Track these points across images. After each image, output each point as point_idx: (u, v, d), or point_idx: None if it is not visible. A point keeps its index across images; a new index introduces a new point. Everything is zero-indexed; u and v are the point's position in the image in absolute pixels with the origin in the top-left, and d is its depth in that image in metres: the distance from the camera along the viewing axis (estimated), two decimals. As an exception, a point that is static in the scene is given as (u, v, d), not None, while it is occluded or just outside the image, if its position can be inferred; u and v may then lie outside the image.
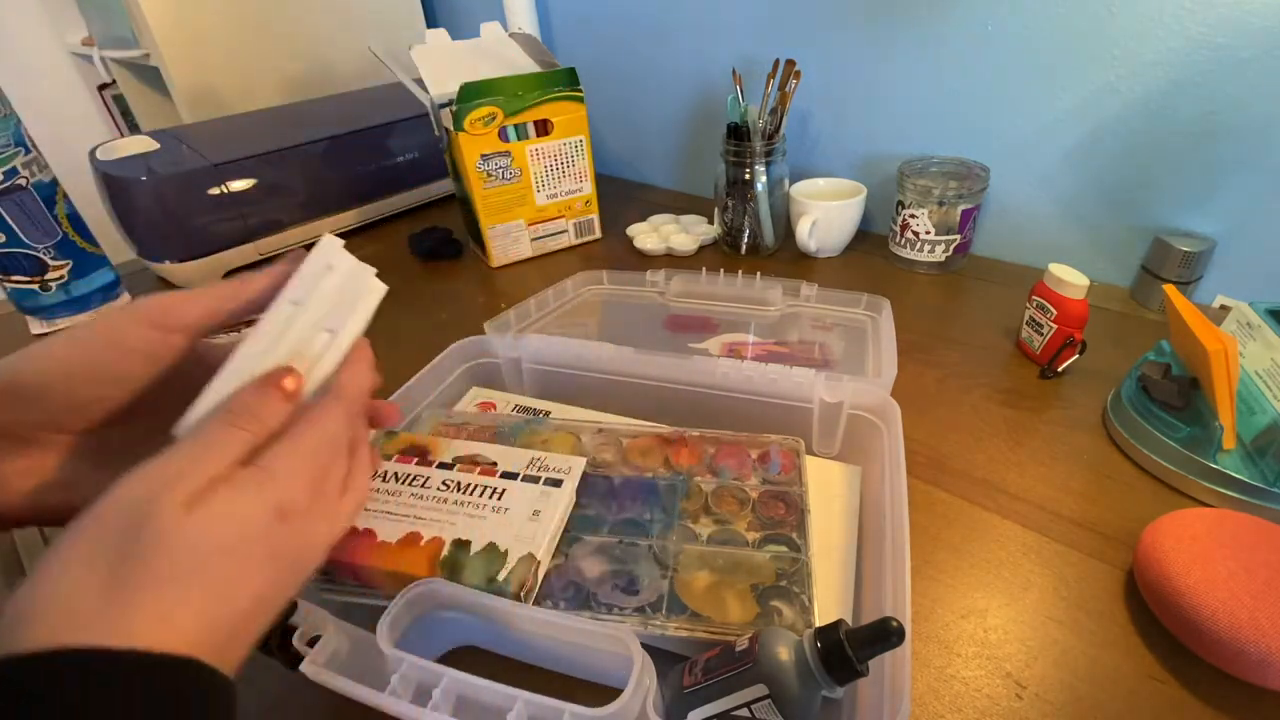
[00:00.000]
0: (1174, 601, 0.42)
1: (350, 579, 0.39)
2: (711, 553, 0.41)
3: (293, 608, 0.35)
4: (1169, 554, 0.43)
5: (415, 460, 0.44)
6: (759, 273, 0.71)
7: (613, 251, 1.01)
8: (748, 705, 0.33)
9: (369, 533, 0.39)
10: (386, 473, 0.43)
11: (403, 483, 0.42)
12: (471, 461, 0.44)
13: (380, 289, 0.36)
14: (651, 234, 1.02)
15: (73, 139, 1.38)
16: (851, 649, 0.31)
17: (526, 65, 0.91)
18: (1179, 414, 0.56)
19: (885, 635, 0.31)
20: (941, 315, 0.81)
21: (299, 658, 0.33)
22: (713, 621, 0.38)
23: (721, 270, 0.71)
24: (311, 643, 0.34)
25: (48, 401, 0.29)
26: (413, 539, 0.39)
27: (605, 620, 0.37)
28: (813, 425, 0.55)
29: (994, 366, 0.71)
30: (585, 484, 0.44)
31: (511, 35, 0.97)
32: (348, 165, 1.06)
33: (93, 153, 0.92)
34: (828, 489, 0.51)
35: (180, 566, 0.23)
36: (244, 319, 0.32)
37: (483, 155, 0.88)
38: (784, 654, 0.33)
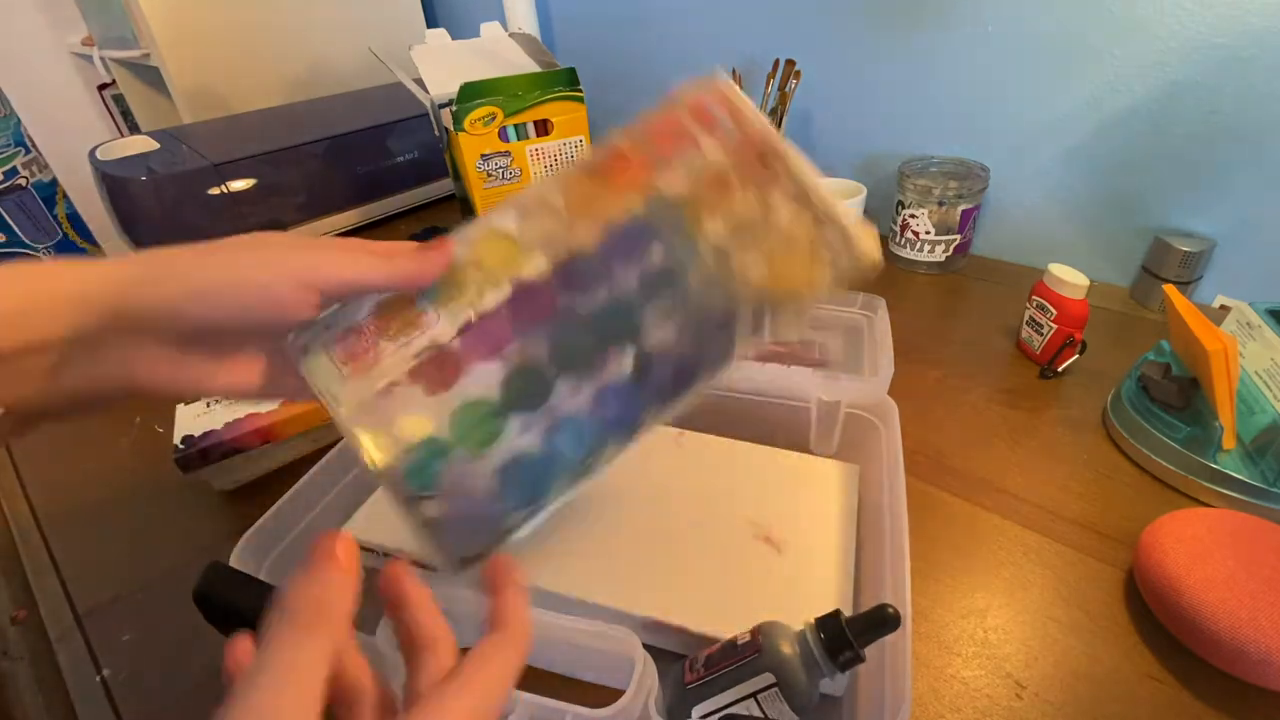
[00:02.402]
0: (1174, 601, 0.42)
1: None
2: (754, 239, 0.34)
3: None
4: (1169, 554, 0.43)
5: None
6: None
7: (613, 251, 1.01)
8: (754, 696, 0.33)
9: None
10: None
11: None
12: (434, 369, 0.33)
13: None
14: (651, 234, 1.02)
15: (73, 139, 1.38)
16: (851, 635, 0.33)
17: (526, 65, 0.91)
18: (1179, 414, 0.56)
19: (883, 621, 0.33)
20: (941, 315, 0.81)
21: (299, 658, 0.33)
22: (801, 294, 0.33)
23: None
24: (311, 643, 0.34)
25: (185, 329, 0.28)
26: None
27: (734, 360, 0.33)
28: (811, 425, 0.55)
29: (994, 366, 0.71)
30: (568, 276, 0.33)
31: (511, 35, 0.97)
32: (348, 165, 1.06)
33: (93, 153, 0.92)
34: (826, 488, 0.51)
35: None
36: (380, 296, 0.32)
37: (483, 155, 0.88)
38: (787, 643, 0.34)
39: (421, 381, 0.31)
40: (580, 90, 0.91)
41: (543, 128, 0.91)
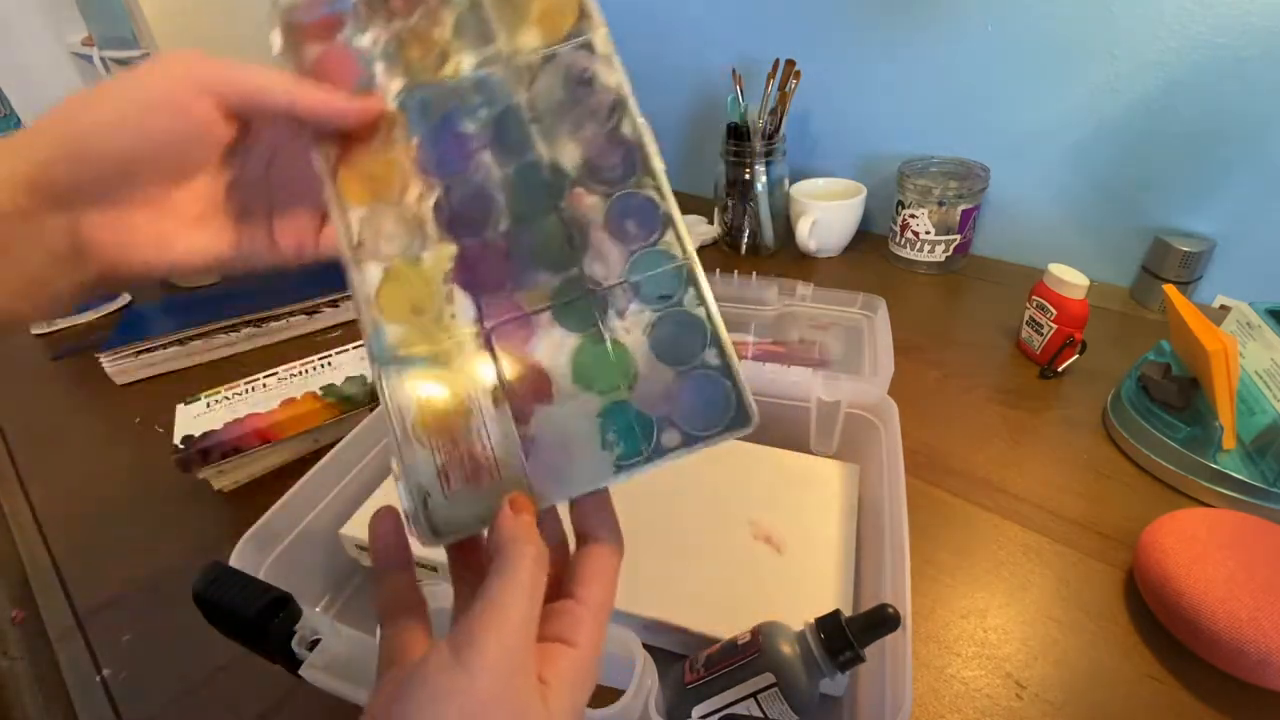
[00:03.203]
0: (1174, 601, 0.42)
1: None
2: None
3: (296, 612, 0.35)
4: (1169, 554, 0.43)
5: None
6: (754, 272, 0.71)
7: (613, 251, 1.01)
8: (754, 696, 0.33)
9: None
10: None
11: None
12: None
13: None
14: (651, 234, 1.02)
15: (72, 139, 1.38)
16: (851, 634, 0.33)
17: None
18: (1179, 414, 0.56)
19: (883, 621, 0.33)
20: (941, 315, 0.81)
21: (299, 661, 0.33)
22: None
23: (718, 270, 0.71)
24: (311, 646, 0.34)
25: (95, 174, 0.25)
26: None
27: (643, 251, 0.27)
28: (811, 425, 0.55)
29: (994, 366, 0.71)
30: (464, 207, 0.28)
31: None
32: (348, 165, 1.06)
33: (92, 153, 0.91)
34: (826, 488, 0.51)
35: None
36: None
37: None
38: (787, 643, 0.34)
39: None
40: (580, 90, 0.91)
41: (543, 128, 0.91)
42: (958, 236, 0.87)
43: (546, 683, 0.22)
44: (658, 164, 0.27)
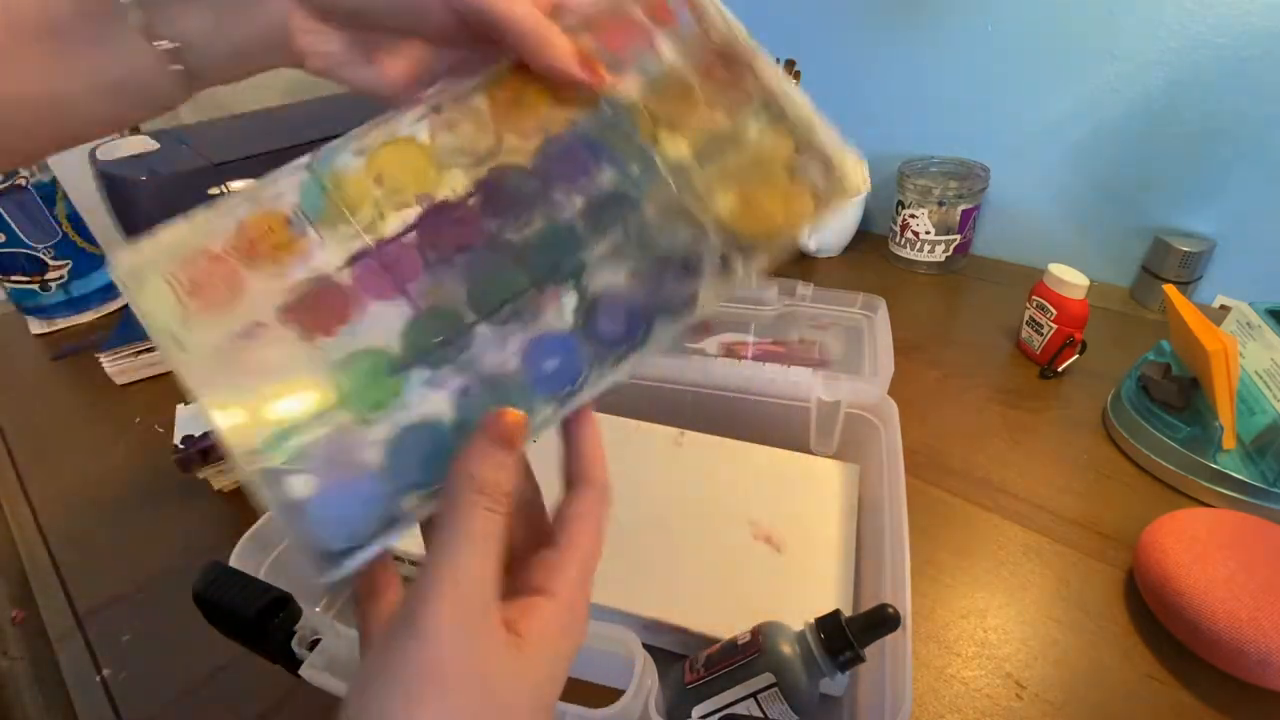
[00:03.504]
0: (1174, 601, 0.42)
1: None
2: (721, 167, 0.29)
3: (296, 612, 0.35)
4: (1169, 554, 0.43)
5: None
6: (759, 273, 0.71)
7: (613, 251, 1.01)
8: (754, 695, 0.33)
9: None
10: None
11: None
12: (315, 307, 0.25)
13: None
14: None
15: (72, 139, 1.38)
16: (851, 634, 0.33)
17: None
18: (1179, 414, 0.56)
19: (883, 621, 0.33)
20: (941, 315, 0.81)
21: (299, 661, 0.33)
22: (780, 232, 0.28)
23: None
24: (311, 646, 0.34)
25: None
26: None
27: (698, 313, 0.27)
28: (811, 425, 0.55)
29: (994, 366, 0.71)
30: (494, 195, 0.27)
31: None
32: (348, 165, 1.06)
33: (92, 153, 0.91)
34: (826, 488, 0.51)
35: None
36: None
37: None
38: (787, 643, 0.34)
39: (296, 323, 0.24)
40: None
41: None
42: (958, 236, 0.87)
43: (522, 635, 0.21)
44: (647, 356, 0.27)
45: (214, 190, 0.92)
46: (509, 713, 0.20)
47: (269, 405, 0.23)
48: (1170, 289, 0.57)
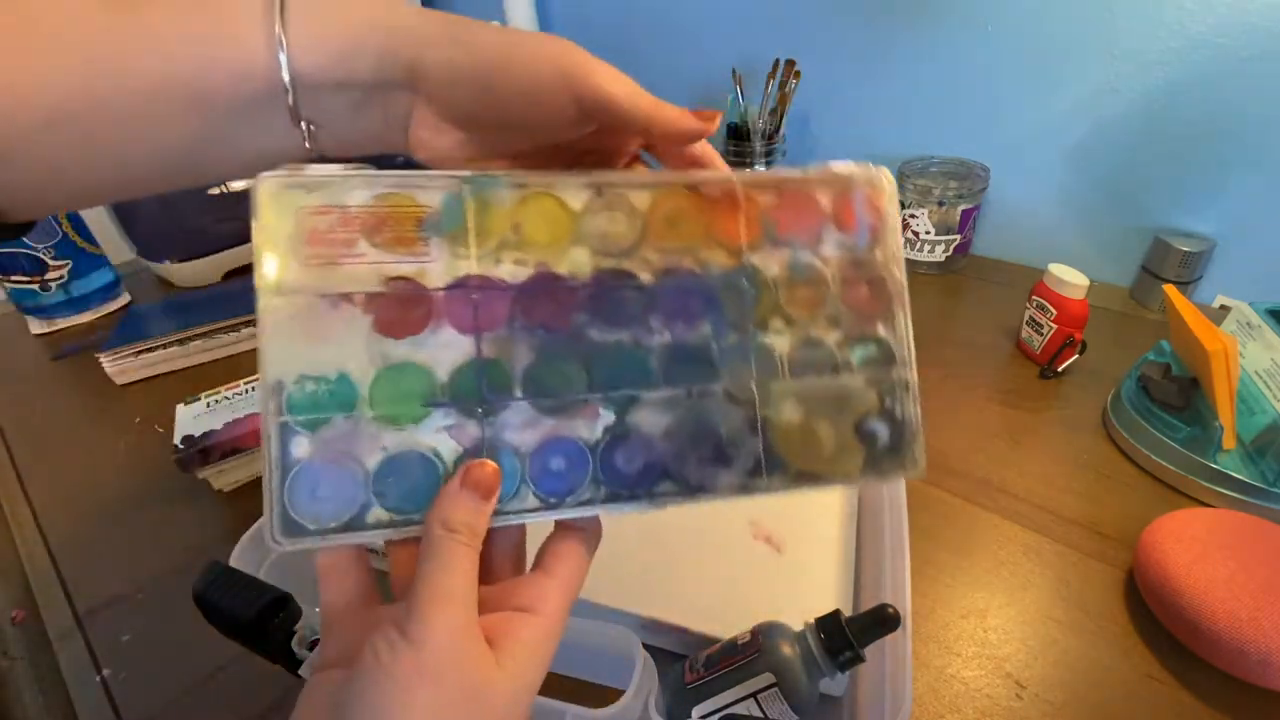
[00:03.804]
0: (1174, 601, 0.42)
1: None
2: (803, 386, 0.29)
3: (296, 612, 0.35)
4: (1169, 554, 0.43)
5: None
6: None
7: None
8: (754, 696, 0.33)
9: None
10: None
11: None
12: (399, 307, 0.26)
13: None
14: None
15: (72, 139, 1.38)
16: (851, 634, 0.33)
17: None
18: (1179, 414, 0.56)
19: (883, 621, 0.33)
20: (941, 315, 0.81)
21: (299, 661, 0.33)
22: (819, 475, 0.29)
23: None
24: (311, 646, 0.34)
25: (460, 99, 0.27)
26: None
27: (704, 498, 0.28)
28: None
29: (994, 366, 0.71)
30: (602, 294, 0.28)
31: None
32: (348, 165, 1.06)
33: (92, 153, 0.91)
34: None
35: None
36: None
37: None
38: (787, 643, 0.34)
39: (375, 312, 0.25)
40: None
41: (543, 128, 0.91)
42: (958, 236, 0.87)
43: (503, 649, 0.23)
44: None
45: (214, 191, 0.92)
46: (491, 712, 0.22)
47: (315, 370, 0.25)
48: (1170, 289, 0.57)
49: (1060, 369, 0.67)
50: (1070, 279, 0.64)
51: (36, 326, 0.88)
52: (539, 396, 0.27)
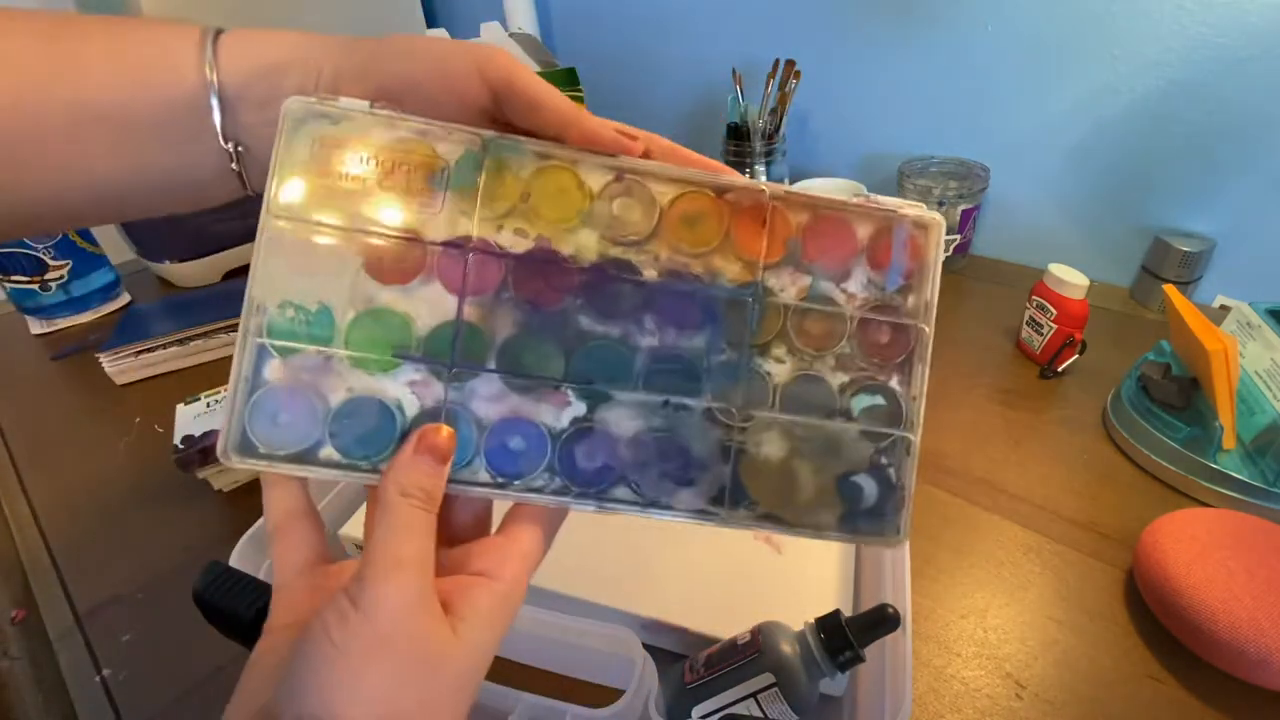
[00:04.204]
0: (1174, 601, 0.42)
1: None
2: (790, 423, 0.28)
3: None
4: (1169, 554, 0.43)
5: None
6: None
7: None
8: (754, 696, 0.33)
9: None
10: None
11: None
12: (393, 252, 0.26)
13: None
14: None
15: (72, 139, 1.38)
16: (851, 634, 0.33)
17: (527, 65, 0.91)
18: (1179, 414, 0.56)
19: (882, 620, 0.33)
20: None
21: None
22: (785, 521, 0.27)
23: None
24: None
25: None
26: None
27: (656, 513, 0.27)
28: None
29: (994, 366, 0.71)
30: (599, 283, 0.27)
31: (511, 35, 0.97)
32: (348, 165, 1.06)
33: (92, 153, 0.91)
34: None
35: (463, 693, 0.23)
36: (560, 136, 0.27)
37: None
38: (787, 643, 0.34)
39: (368, 255, 0.25)
40: (580, 90, 0.91)
41: (543, 128, 0.91)
42: (958, 236, 0.87)
43: (459, 615, 0.22)
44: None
45: (214, 190, 0.92)
46: (445, 683, 0.22)
47: (298, 298, 0.25)
48: (1170, 289, 0.57)
49: (1060, 369, 0.67)
50: (1070, 279, 0.64)
51: (36, 326, 0.88)
52: (512, 372, 0.26)
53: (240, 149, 0.27)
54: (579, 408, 0.26)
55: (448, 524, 0.26)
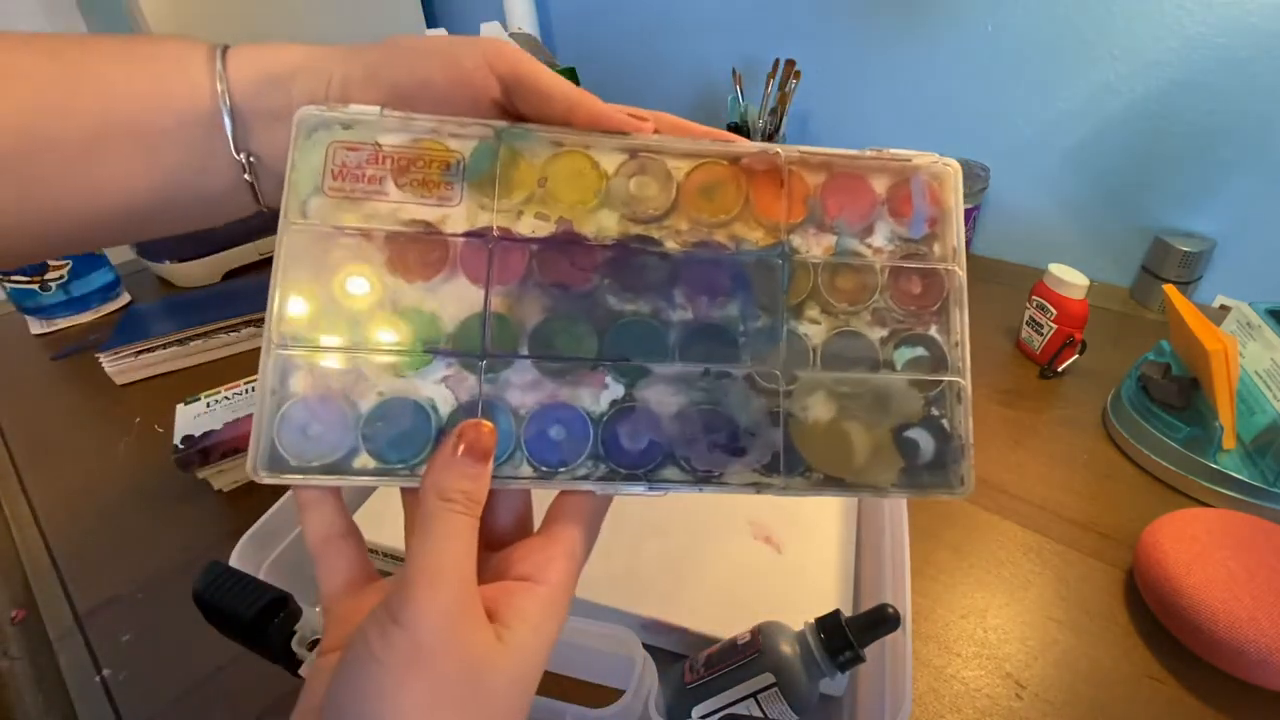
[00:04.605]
0: (1174, 601, 0.42)
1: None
2: (835, 381, 0.27)
3: (296, 612, 0.35)
4: (1169, 554, 0.43)
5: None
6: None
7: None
8: (754, 696, 0.33)
9: None
10: None
11: None
12: (415, 248, 0.26)
13: None
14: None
15: (73, 139, 1.38)
16: (851, 634, 0.33)
17: (526, 65, 0.91)
18: (1179, 414, 0.56)
19: (882, 620, 0.33)
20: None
21: (299, 661, 0.33)
22: (845, 482, 0.26)
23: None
24: (311, 646, 0.34)
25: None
26: None
27: (710, 489, 0.26)
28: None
29: (994, 366, 0.71)
30: (623, 260, 0.26)
31: (511, 35, 0.97)
32: (348, 165, 1.06)
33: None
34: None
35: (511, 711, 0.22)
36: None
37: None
38: (787, 643, 0.34)
39: (390, 253, 0.25)
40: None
41: (543, 128, 0.91)
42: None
43: (505, 623, 0.22)
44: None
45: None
46: (492, 695, 0.21)
47: (325, 307, 0.25)
48: (1170, 289, 0.57)
49: (1060, 369, 0.67)
50: (1070, 279, 0.64)
51: (36, 326, 0.88)
52: (546, 357, 0.25)
53: (253, 159, 0.27)
54: (617, 388, 0.26)
55: (489, 526, 0.25)
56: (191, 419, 0.60)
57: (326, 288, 0.25)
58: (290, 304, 0.24)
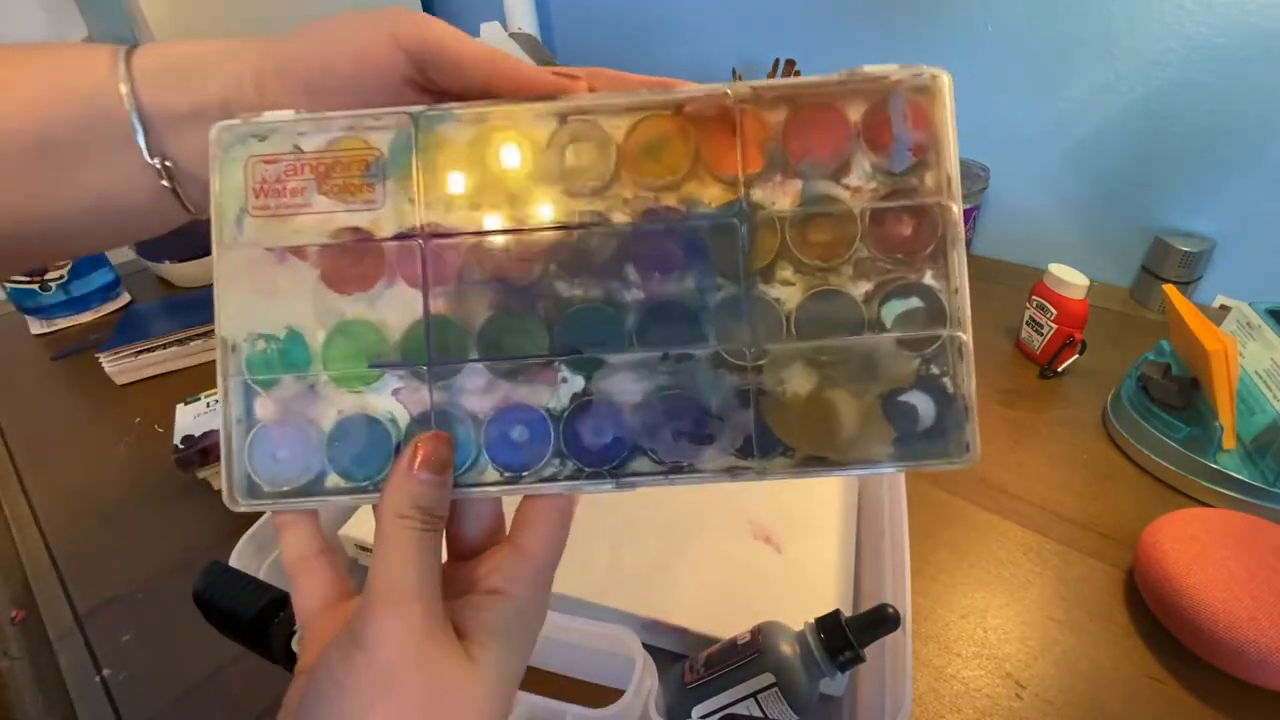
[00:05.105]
0: (1174, 601, 0.42)
1: None
2: (812, 350, 0.24)
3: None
4: (1169, 554, 0.43)
5: None
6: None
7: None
8: (754, 696, 0.33)
9: None
10: None
11: None
12: (348, 259, 0.24)
13: None
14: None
15: (72, 139, 1.38)
16: (851, 634, 0.33)
17: (526, 65, 0.91)
18: (1179, 414, 0.56)
19: (882, 620, 0.33)
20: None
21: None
22: (830, 460, 0.23)
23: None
24: (311, 643, 0.34)
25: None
26: None
27: (682, 480, 0.24)
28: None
29: (994, 366, 0.71)
30: (567, 243, 0.24)
31: (512, 35, 0.97)
32: (348, 165, 1.06)
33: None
34: (826, 488, 0.51)
35: None
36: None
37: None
38: (787, 643, 0.34)
39: (324, 268, 0.24)
40: (580, 90, 0.91)
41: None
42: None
43: (475, 640, 0.21)
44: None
45: (214, 190, 0.92)
46: (464, 715, 0.20)
47: (266, 328, 0.24)
48: (1170, 289, 0.57)
49: (1060, 369, 0.67)
50: (1070, 279, 0.64)
51: (36, 326, 0.88)
52: (494, 357, 0.24)
53: (169, 165, 0.26)
54: (576, 382, 0.24)
55: (459, 536, 0.25)
56: (191, 419, 0.60)
57: (268, 312, 0.24)
58: (237, 332, 0.24)
